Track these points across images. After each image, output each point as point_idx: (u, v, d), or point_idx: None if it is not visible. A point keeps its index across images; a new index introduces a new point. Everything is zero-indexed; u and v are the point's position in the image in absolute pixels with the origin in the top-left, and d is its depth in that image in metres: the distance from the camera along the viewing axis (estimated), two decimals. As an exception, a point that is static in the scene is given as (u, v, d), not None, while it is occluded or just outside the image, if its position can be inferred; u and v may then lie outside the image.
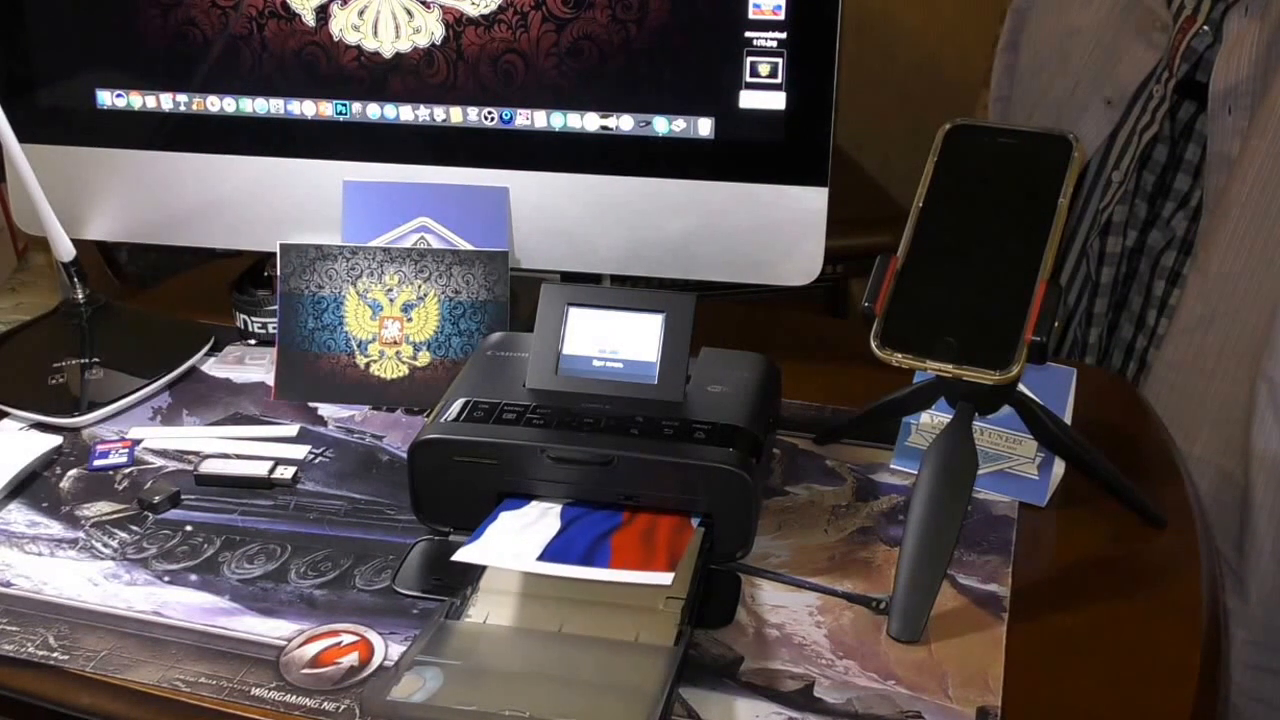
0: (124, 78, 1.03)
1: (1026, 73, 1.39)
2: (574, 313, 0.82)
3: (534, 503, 0.77)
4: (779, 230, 0.97)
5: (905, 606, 0.71)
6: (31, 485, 0.87)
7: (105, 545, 0.81)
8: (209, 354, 1.04)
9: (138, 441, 0.92)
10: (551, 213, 1.00)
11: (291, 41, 0.99)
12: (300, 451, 0.90)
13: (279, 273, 0.99)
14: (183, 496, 0.85)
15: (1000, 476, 0.84)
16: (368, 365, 0.98)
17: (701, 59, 0.94)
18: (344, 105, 1.01)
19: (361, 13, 0.98)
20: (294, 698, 0.67)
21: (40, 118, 1.04)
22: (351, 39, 0.99)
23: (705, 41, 0.94)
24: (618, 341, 0.81)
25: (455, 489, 0.78)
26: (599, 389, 0.80)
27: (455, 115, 0.99)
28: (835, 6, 0.91)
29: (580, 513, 0.76)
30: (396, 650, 0.71)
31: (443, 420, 0.78)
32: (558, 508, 0.76)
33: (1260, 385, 1.08)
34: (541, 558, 0.71)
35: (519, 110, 0.98)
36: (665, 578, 0.69)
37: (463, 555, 0.71)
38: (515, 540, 0.73)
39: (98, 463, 0.89)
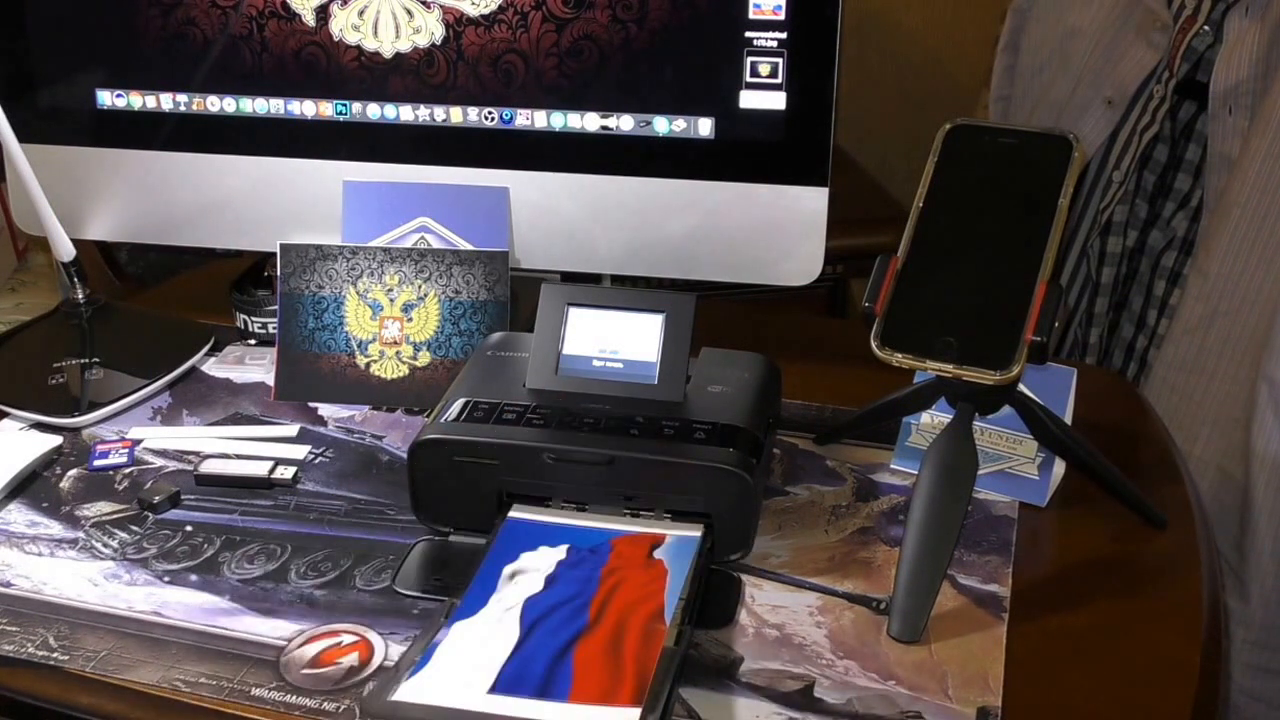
0: (124, 78, 1.03)
1: (1027, 73, 1.39)
2: (574, 313, 0.82)
3: (491, 603, 0.70)
4: (779, 230, 0.97)
5: (905, 606, 0.71)
6: (31, 485, 0.87)
7: (105, 545, 0.81)
8: (209, 354, 1.04)
9: (138, 441, 0.92)
10: (551, 213, 1.00)
11: (291, 41, 0.99)
12: (300, 451, 0.90)
13: (279, 273, 0.99)
14: (183, 496, 0.85)
15: (1000, 476, 0.84)
16: (368, 365, 0.98)
17: (701, 59, 0.94)
18: (344, 105, 1.01)
19: (361, 13, 0.98)
20: (294, 698, 0.67)
21: (40, 118, 1.04)
22: (351, 39, 0.99)
23: (705, 41, 0.94)
24: (618, 341, 0.81)
25: (455, 489, 0.78)
26: (599, 389, 0.80)
27: (455, 115, 0.99)
28: (835, 6, 0.91)
29: (544, 610, 0.69)
30: (396, 650, 0.70)
31: (443, 420, 0.78)
32: (518, 607, 0.69)
33: (1260, 385, 1.08)
34: (494, 689, 0.63)
35: (519, 110, 0.98)
36: (630, 715, 0.61)
37: (406, 694, 0.63)
38: (467, 663, 0.65)
39: (98, 463, 0.89)
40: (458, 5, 0.96)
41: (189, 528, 0.82)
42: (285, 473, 0.87)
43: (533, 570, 0.73)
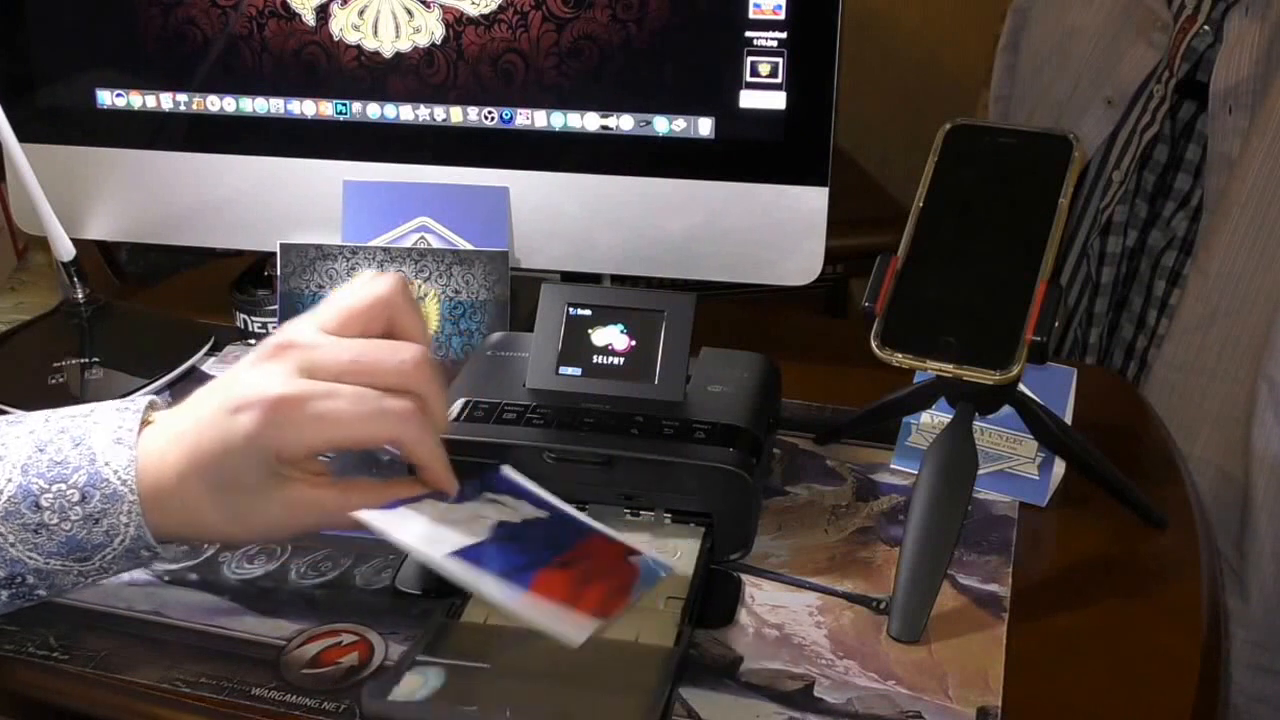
0: (124, 78, 1.03)
1: (1027, 72, 1.39)
2: (574, 312, 0.82)
3: (465, 505, 0.69)
4: (779, 230, 0.97)
5: (905, 606, 0.71)
6: (31, 485, 0.87)
7: (105, 545, 0.80)
8: (209, 354, 1.04)
9: (138, 441, 0.91)
10: (551, 213, 1.00)
11: (291, 41, 0.99)
12: (300, 451, 0.90)
13: (279, 272, 0.99)
14: (183, 496, 0.85)
15: (1000, 476, 0.84)
16: (368, 365, 0.98)
17: (701, 59, 0.94)
18: (344, 105, 1.01)
19: (361, 12, 0.98)
20: (294, 697, 0.67)
21: (40, 118, 1.04)
22: (351, 39, 0.99)
23: (705, 41, 0.94)
24: (617, 341, 0.81)
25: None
26: (599, 389, 0.80)
27: (455, 115, 0.99)
28: (835, 6, 0.91)
29: (513, 533, 0.67)
30: (397, 650, 0.70)
31: (443, 420, 0.78)
32: (491, 520, 0.68)
33: (1260, 385, 1.08)
34: (454, 555, 0.63)
35: (519, 110, 0.98)
36: (585, 626, 0.60)
37: (368, 516, 0.64)
38: (431, 526, 0.65)
39: (98, 463, 0.89)
40: (458, 5, 0.96)
41: (189, 528, 0.82)
42: (285, 473, 0.86)
43: (513, 508, 0.71)
